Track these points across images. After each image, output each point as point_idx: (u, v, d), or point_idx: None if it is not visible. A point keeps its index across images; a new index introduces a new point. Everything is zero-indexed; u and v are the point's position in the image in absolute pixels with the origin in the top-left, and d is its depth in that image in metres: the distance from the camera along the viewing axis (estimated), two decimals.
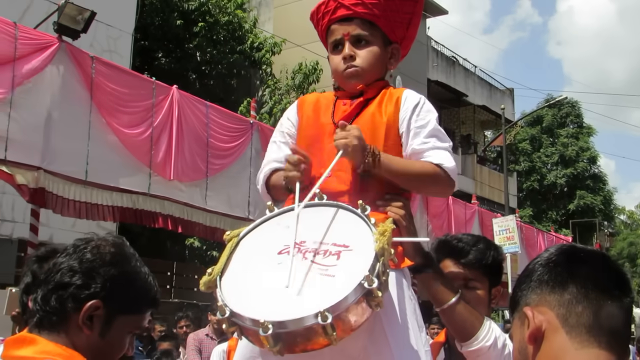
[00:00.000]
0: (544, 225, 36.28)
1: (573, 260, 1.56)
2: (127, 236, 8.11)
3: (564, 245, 1.63)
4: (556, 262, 1.56)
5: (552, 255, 1.58)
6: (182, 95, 8.91)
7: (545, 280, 1.54)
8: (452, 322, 2.50)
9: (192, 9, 21.42)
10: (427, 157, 2.52)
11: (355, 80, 2.66)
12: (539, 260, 1.59)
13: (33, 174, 7.28)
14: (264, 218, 2.43)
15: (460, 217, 15.45)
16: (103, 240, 1.99)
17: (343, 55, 2.65)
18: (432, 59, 31.62)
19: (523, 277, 1.61)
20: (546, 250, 1.63)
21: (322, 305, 1.94)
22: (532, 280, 1.57)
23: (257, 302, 2.07)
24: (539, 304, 1.53)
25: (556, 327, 1.49)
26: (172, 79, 12.81)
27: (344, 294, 1.98)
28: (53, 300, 1.86)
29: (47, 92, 7.43)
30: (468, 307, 2.48)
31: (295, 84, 21.28)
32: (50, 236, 12.24)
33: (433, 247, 2.88)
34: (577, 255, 1.57)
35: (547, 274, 1.54)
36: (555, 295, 1.51)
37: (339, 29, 2.68)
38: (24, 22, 8.37)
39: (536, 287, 1.55)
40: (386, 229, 2.14)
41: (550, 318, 1.50)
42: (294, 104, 2.89)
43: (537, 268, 1.57)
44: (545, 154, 44.34)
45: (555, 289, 1.52)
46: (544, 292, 1.53)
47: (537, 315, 1.50)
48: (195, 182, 8.95)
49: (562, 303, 1.50)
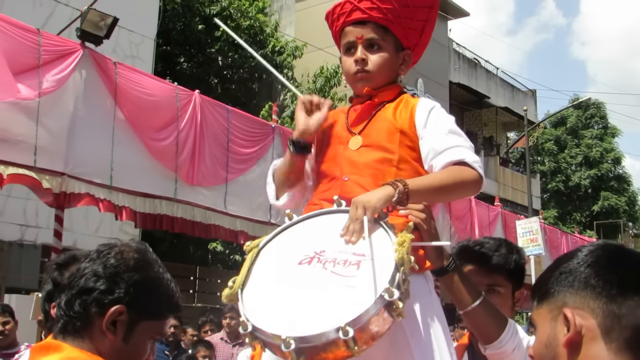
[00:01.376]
0: (568, 226, 35.99)
1: (623, 267, 1.49)
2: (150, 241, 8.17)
3: (612, 246, 1.56)
4: (606, 267, 1.49)
5: (601, 258, 1.51)
6: (203, 100, 8.94)
7: (592, 285, 1.47)
8: (476, 324, 2.47)
9: (213, 13, 21.52)
10: (448, 155, 2.48)
11: (364, 84, 2.67)
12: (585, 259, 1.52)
13: (57, 179, 7.35)
14: (283, 226, 2.42)
15: (484, 219, 15.35)
16: (126, 246, 2.00)
17: (355, 58, 2.66)
18: (454, 61, 31.52)
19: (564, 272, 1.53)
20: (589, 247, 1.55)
21: (343, 319, 1.94)
22: (575, 279, 1.50)
23: (278, 315, 2.07)
24: (581, 306, 1.47)
25: (596, 335, 1.44)
26: (194, 84, 12.88)
27: (364, 307, 1.97)
28: (77, 305, 1.87)
29: (72, 98, 7.49)
30: (492, 309, 2.45)
31: (317, 87, 21.29)
32: (74, 241, 12.35)
33: (454, 252, 2.83)
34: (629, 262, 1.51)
35: (594, 278, 1.48)
36: (601, 303, 1.45)
37: (352, 32, 2.68)
38: (47, 28, 8.43)
39: (580, 288, 1.49)
40: (405, 240, 2.12)
41: (591, 325, 1.44)
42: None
43: (583, 269, 1.50)
44: (569, 154, 44.02)
45: (601, 297, 1.46)
46: (589, 296, 1.47)
47: (578, 319, 1.45)
48: (216, 186, 8.97)
49: (607, 314, 1.44)
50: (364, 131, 2.61)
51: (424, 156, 2.55)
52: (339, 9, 2.73)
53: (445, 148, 2.50)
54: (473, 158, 2.48)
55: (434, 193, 2.44)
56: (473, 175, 2.46)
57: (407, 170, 2.52)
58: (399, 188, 2.28)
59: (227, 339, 8.79)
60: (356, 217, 2.20)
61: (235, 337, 8.75)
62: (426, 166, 2.55)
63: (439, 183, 2.44)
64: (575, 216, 43.15)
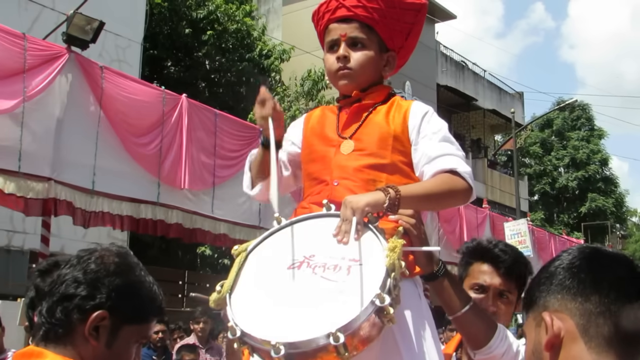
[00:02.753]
0: (556, 228, 36.15)
1: (597, 266, 1.51)
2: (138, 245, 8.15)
3: (587, 248, 1.58)
4: (580, 268, 1.51)
5: (575, 260, 1.53)
6: (191, 104, 8.91)
7: (567, 286, 1.50)
8: (466, 330, 2.47)
9: (200, 17, 21.49)
10: (440, 163, 2.47)
11: (346, 82, 2.65)
12: (561, 263, 1.55)
13: (44, 184, 7.30)
14: (271, 230, 2.39)
15: (472, 221, 15.38)
16: (107, 251, 1.98)
17: (337, 55, 2.63)
18: (441, 63, 31.63)
19: (543, 277, 1.57)
20: (567, 251, 1.58)
21: (333, 325, 1.92)
22: (552, 283, 1.53)
23: (267, 321, 2.05)
24: (559, 309, 1.49)
25: (575, 336, 1.45)
26: (181, 88, 12.84)
27: (355, 313, 1.95)
28: (58, 312, 1.85)
29: (57, 103, 7.45)
30: (481, 314, 2.45)
31: (305, 90, 21.29)
32: (61, 247, 12.28)
33: (466, 249, 2.85)
34: (602, 261, 1.53)
35: (569, 280, 1.50)
36: (577, 303, 1.47)
37: (336, 29, 2.66)
38: (32, 33, 8.40)
39: (557, 291, 1.51)
40: (396, 245, 2.11)
41: (570, 327, 1.46)
42: (303, 116, 2.91)
43: (559, 271, 1.53)
44: (556, 157, 44.25)
45: (577, 297, 1.48)
46: (565, 298, 1.49)
47: (556, 322, 1.47)
48: (203, 190, 8.95)
49: (583, 313, 1.46)
50: (355, 135, 2.58)
51: (415, 162, 2.54)
52: (325, 6, 2.72)
53: (437, 155, 2.49)
54: (464, 168, 2.47)
55: (424, 201, 2.43)
56: (463, 185, 2.45)
57: (398, 175, 2.51)
58: (390, 194, 2.26)
59: (199, 343, 8.77)
60: (345, 218, 2.19)
61: (206, 342, 8.75)
62: (417, 172, 2.54)
63: (429, 191, 2.43)
64: (562, 218, 43.38)
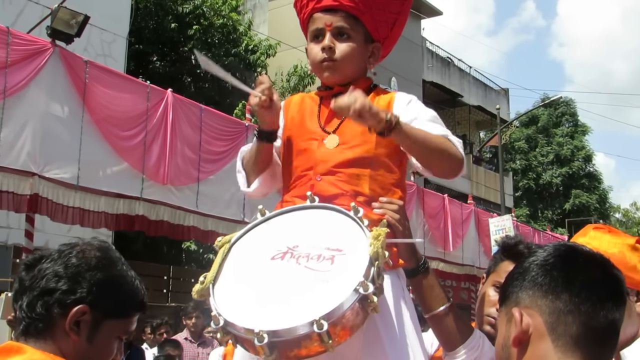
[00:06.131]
0: (540, 224, 36.29)
1: (571, 265, 1.51)
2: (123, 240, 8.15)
3: (563, 246, 1.58)
4: (553, 265, 1.51)
5: (549, 257, 1.53)
6: (176, 99, 8.89)
7: (539, 283, 1.50)
8: (439, 330, 2.46)
9: (186, 12, 21.38)
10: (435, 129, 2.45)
11: (330, 73, 2.61)
12: (535, 259, 1.55)
13: (28, 180, 7.27)
14: (255, 222, 2.40)
15: (457, 217, 15.45)
16: (88, 245, 1.97)
17: (322, 46, 2.59)
18: (427, 60, 31.66)
19: (517, 273, 1.57)
20: (543, 248, 1.58)
21: (317, 313, 1.92)
22: (525, 279, 1.53)
23: (251, 310, 2.05)
24: (529, 306, 1.50)
25: (542, 333, 1.46)
26: (167, 83, 12.78)
27: (339, 301, 1.95)
28: (39, 307, 1.84)
29: (41, 97, 7.42)
30: (457, 317, 2.44)
31: (291, 86, 21.27)
32: (45, 242, 12.19)
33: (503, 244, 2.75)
34: (576, 260, 1.53)
35: (542, 277, 1.51)
36: (547, 301, 1.48)
37: (322, 19, 2.61)
38: (17, 27, 8.35)
39: (529, 287, 1.52)
40: (380, 233, 2.11)
41: (538, 324, 1.47)
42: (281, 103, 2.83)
43: (533, 268, 1.53)
44: (540, 153, 44.42)
45: (547, 295, 1.48)
46: (536, 295, 1.50)
47: (525, 318, 1.48)
48: (188, 185, 8.93)
49: (552, 311, 1.46)
50: (339, 129, 2.55)
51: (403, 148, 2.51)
52: None
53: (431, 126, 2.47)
54: (454, 138, 2.47)
55: (418, 144, 2.39)
56: (457, 153, 2.44)
57: (382, 170, 2.51)
58: (391, 118, 2.26)
59: (192, 338, 8.78)
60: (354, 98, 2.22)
61: (199, 336, 8.76)
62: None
63: (426, 138, 2.39)
64: (546, 214, 43.55)
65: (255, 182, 2.71)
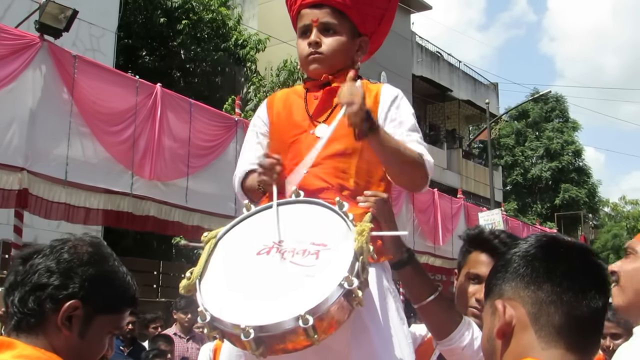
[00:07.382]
0: (529, 218, 36.45)
1: (552, 256, 1.52)
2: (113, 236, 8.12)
3: (545, 237, 1.58)
4: (535, 256, 1.52)
5: (531, 248, 1.54)
6: (165, 94, 8.86)
7: (521, 274, 1.51)
8: (429, 319, 2.49)
9: (175, 6, 21.30)
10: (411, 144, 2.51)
11: (317, 66, 2.65)
12: (517, 250, 1.56)
13: (17, 175, 7.23)
14: (241, 217, 2.41)
15: (447, 211, 15.49)
16: (80, 241, 1.97)
17: (309, 41, 2.64)
18: (417, 54, 31.68)
19: (499, 265, 1.58)
20: (525, 239, 1.59)
21: (302, 307, 1.94)
22: (507, 271, 1.53)
23: (237, 305, 2.06)
24: (512, 297, 1.50)
25: (526, 324, 1.47)
26: (156, 78, 12.76)
27: (324, 296, 1.97)
28: (31, 302, 1.84)
29: (29, 92, 7.38)
30: (446, 305, 2.46)
31: (280, 80, 21.24)
32: (34, 237, 12.13)
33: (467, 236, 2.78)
34: (557, 250, 1.53)
35: (523, 268, 1.51)
36: (529, 292, 1.48)
37: (308, 14, 2.66)
38: (4, 21, 8.32)
39: (511, 279, 1.52)
40: (364, 229, 2.13)
41: (521, 315, 1.47)
42: (264, 102, 2.88)
43: (515, 259, 1.54)
44: (530, 147, 44.59)
45: (530, 285, 1.49)
46: (519, 286, 1.50)
47: (508, 310, 1.48)
48: (176, 180, 8.91)
49: (535, 301, 1.47)
50: (328, 120, 2.57)
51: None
52: None
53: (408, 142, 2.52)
54: (429, 158, 2.52)
55: (389, 151, 2.42)
56: (425, 174, 2.51)
57: (368, 160, 2.53)
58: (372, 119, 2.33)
59: (181, 333, 8.79)
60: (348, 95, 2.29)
61: (188, 332, 8.76)
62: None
63: (399, 147, 2.44)
64: (536, 208, 43.74)
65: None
